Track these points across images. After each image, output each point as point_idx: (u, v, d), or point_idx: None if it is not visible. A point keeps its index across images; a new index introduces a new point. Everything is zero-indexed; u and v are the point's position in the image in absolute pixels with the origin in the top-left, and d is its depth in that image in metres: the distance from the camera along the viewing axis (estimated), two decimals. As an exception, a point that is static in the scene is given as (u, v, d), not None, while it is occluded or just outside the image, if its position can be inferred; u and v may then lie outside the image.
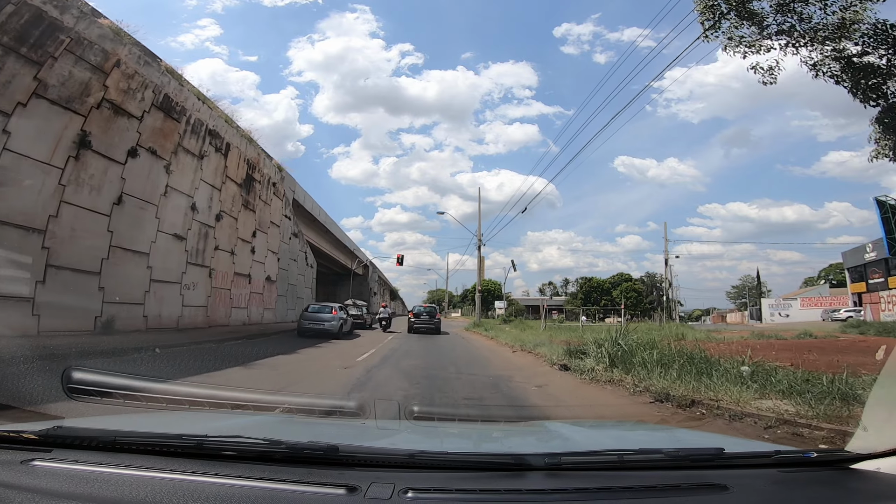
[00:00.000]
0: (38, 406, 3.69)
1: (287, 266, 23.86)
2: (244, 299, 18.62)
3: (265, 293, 20.81)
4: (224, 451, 1.30)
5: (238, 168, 18.47)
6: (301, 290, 26.11)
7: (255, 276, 19.67)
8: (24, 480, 1.16)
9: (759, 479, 1.28)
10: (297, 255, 25.83)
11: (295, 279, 25.24)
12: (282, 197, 23.47)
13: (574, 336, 17.82)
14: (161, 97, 13.15)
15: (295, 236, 25.30)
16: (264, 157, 21.40)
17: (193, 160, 15.18)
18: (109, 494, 1.10)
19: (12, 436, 1.39)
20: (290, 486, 1.15)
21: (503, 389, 7.03)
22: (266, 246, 21.12)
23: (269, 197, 21.78)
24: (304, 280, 27.09)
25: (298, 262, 25.92)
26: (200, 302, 15.46)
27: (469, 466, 1.31)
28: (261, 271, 20.42)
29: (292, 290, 24.47)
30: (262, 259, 20.66)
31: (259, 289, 20.16)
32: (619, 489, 1.22)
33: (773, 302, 54.43)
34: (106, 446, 1.33)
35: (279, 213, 23.01)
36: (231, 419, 2.13)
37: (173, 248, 14.10)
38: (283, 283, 23.12)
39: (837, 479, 1.29)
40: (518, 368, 9.93)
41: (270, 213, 21.77)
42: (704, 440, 2.20)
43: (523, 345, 13.89)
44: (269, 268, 21.45)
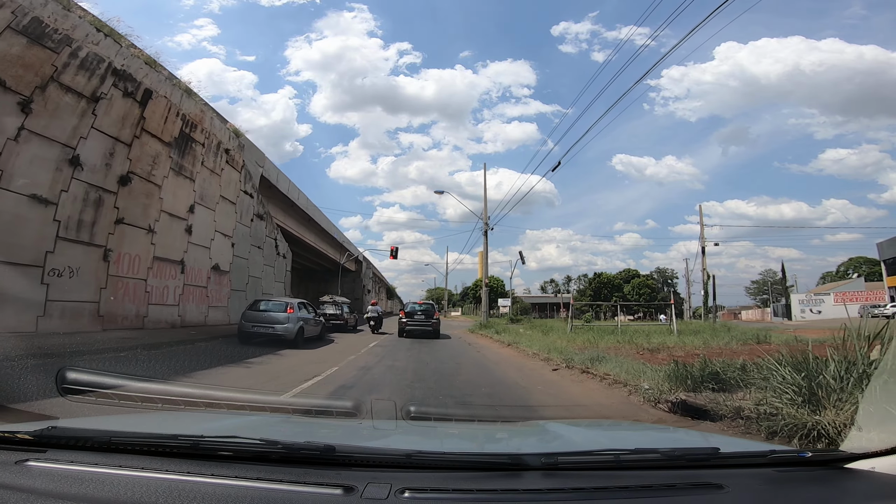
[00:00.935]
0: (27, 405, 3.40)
1: (247, 254, 18.89)
2: (173, 293, 13.65)
3: (211, 287, 15.86)
4: (220, 451, 1.29)
5: (166, 122, 13.54)
6: (269, 284, 21.13)
7: (192, 264, 14.70)
8: (19, 481, 1.15)
9: (755, 479, 1.27)
10: (264, 241, 20.84)
11: (260, 271, 20.26)
12: (240, 168, 18.53)
13: (621, 341, 12.93)
14: (27, 20, 9.16)
15: (259, 218, 20.32)
16: (213, 117, 16.51)
17: (78, 101, 10.36)
18: (104, 495, 1.09)
19: (7, 436, 1.37)
20: (286, 487, 1.13)
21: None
22: (212, 226, 16.16)
23: (220, 166, 16.85)
24: (275, 273, 22.11)
25: (265, 251, 20.93)
26: (86, 296, 10.50)
27: (466, 466, 1.30)
28: (202, 258, 15.45)
29: (255, 284, 19.50)
30: (206, 242, 15.69)
31: (199, 280, 15.19)
32: (615, 489, 1.21)
33: (804, 297, 49.76)
34: (101, 446, 1.31)
35: (235, 188, 18.06)
36: (227, 419, 2.10)
37: (30, 216, 9.16)
38: (240, 275, 18.14)
39: (832, 478, 1.28)
40: (596, 415, 4.99)
41: (221, 185, 16.82)
42: (700, 440, 2.18)
43: (565, 358, 8.97)
44: (218, 254, 16.47)
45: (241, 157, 18.85)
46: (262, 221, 20.60)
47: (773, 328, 26.15)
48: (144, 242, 12.55)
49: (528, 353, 11.38)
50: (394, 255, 37.24)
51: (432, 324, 16.93)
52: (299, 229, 32.37)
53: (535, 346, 11.58)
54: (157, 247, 13.02)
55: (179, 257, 14.08)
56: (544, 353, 10.40)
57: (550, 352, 10.22)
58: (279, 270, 22.66)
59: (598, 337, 14.06)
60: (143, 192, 12.58)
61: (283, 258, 23.24)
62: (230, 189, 17.64)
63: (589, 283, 66.87)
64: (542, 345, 11.81)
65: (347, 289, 53.31)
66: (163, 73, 13.58)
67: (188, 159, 14.78)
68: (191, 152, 14.95)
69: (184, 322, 14.02)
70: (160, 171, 13.30)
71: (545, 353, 10.25)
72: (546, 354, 10.11)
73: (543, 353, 10.34)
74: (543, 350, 10.78)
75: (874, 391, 1.65)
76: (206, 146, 15.88)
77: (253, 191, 19.81)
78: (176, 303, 13.79)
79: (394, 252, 37.17)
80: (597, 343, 12.55)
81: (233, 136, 18.28)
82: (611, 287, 63.12)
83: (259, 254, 20.19)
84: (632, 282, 65.57)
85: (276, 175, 24.70)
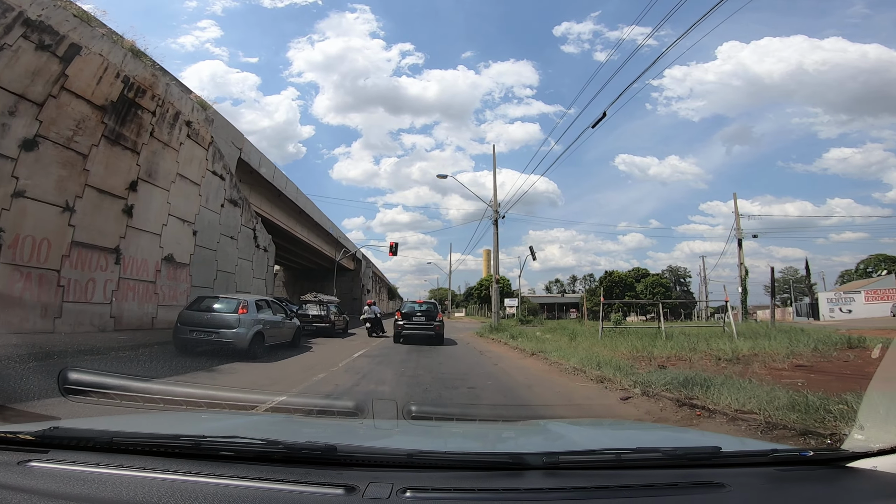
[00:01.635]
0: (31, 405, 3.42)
1: (215, 245, 15.92)
2: (102, 289, 10.67)
3: (162, 282, 12.87)
4: (222, 451, 1.28)
5: (99, 83, 10.66)
6: (246, 281, 18.16)
7: (132, 254, 11.74)
8: (21, 481, 1.14)
9: (757, 478, 1.25)
10: (239, 231, 17.87)
11: (233, 265, 17.29)
12: (206, 145, 15.60)
13: (678, 348, 9.88)
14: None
15: (233, 204, 17.36)
16: (170, 83, 13.64)
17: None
18: (106, 495, 1.09)
19: (9, 437, 1.36)
20: (288, 487, 1.13)
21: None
22: (165, 209, 13.20)
23: (177, 140, 13.92)
24: (254, 268, 19.12)
25: (241, 243, 17.96)
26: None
27: (467, 466, 1.29)
28: (150, 247, 12.48)
29: (226, 280, 16.52)
30: (155, 228, 12.73)
31: (144, 274, 12.21)
32: (616, 488, 1.20)
33: (832, 296, 46.36)
34: (103, 447, 1.30)
35: (199, 167, 15.11)
36: (228, 419, 2.10)
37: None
38: (204, 269, 15.17)
39: (834, 477, 1.27)
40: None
41: (178, 162, 13.88)
42: (702, 439, 2.17)
43: (637, 380, 5.91)
44: (173, 243, 13.51)
45: (209, 132, 15.91)
46: (236, 208, 17.61)
47: (821, 328, 22.96)
48: (58, 223, 9.57)
49: (564, 367, 8.33)
50: (393, 252, 34.28)
51: (434, 327, 13.91)
52: (289, 222, 29.42)
53: (572, 358, 8.54)
54: (79, 229, 10.03)
55: (113, 244, 11.09)
56: (591, 367, 7.35)
57: (601, 367, 7.17)
58: (259, 265, 19.65)
59: (644, 343, 10.99)
60: (59, 160, 9.62)
61: (265, 252, 20.23)
62: (192, 168, 14.68)
63: (600, 282, 63.48)
64: (579, 355, 8.77)
65: (345, 288, 50.29)
66: (100, 29, 10.85)
67: (130, 128, 11.84)
68: (135, 120, 12.01)
69: (119, 324, 11.02)
70: (87, 139, 10.35)
71: (593, 369, 7.20)
72: (596, 371, 7.06)
73: (590, 369, 7.29)
74: (587, 363, 7.74)
75: (875, 390, 1.58)
76: (158, 115, 12.93)
77: (225, 172, 16.84)
78: (107, 300, 10.79)
79: (393, 248, 34.20)
80: (649, 351, 9.49)
81: (197, 108, 15.34)
82: (623, 286, 59.78)
83: (232, 245, 17.20)
84: (643, 280, 62.28)
85: (257, 159, 21.77)
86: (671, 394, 4.89)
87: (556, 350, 10.29)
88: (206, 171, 15.63)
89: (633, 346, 10.56)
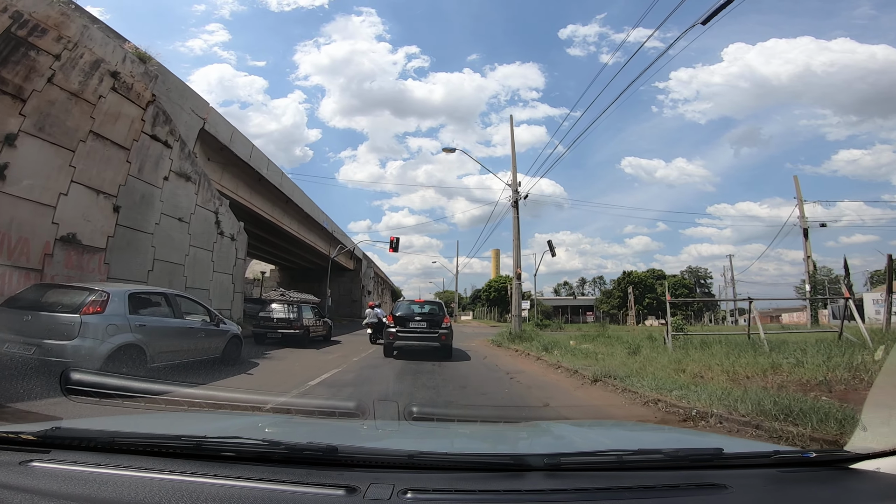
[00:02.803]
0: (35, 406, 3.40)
1: (151, 226, 12.26)
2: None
3: (55, 270, 9.22)
4: (223, 452, 1.27)
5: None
6: (201, 274, 14.49)
7: (2, 228, 8.09)
8: (23, 481, 1.14)
9: (759, 479, 1.24)
10: (192, 213, 14.21)
11: (181, 255, 13.61)
12: (144, 104, 12.07)
13: (793, 364, 5.99)
14: None
15: (184, 179, 13.73)
16: (87, 26, 10.37)
17: None
18: (108, 495, 1.08)
19: (10, 437, 1.36)
20: (288, 487, 1.12)
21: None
22: (66, 174, 9.61)
23: (96, 93, 10.49)
24: (215, 259, 15.43)
25: (195, 227, 14.29)
26: None
27: (468, 467, 1.27)
28: (36, 222, 8.86)
29: (170, 273, 12.85)
30: (46, 198, 9.13)
31: (24, 258, 8.58)
32: (618, 489, 1.18)
33: (879, 296, 42.06)
34: (104, 447, 1.30)
35: (129, 128, 11.55)
36: (229, 420, 2.06)
37: None
38: (131, 258, 11.48)
39: (837, 478, 1.25)
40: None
41: (95, 119, 10.38)
42: (704, 440, 2.15)
43: None
44: (79, 220, 9.87)
45: (150, 90, 12.36)
46: (188, 184, 13.94)
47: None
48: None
49: (679, 410, 4.42)
50: (394, 248, 30.59)
51: (440, 335, 10.02)
52: (273, 213, 25.75)
53: (692, 395, 4.64)
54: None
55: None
56: (740, 408, 3.50)
57: (766, 412, 3.31)
58: (223, 257, 15.94)
59: (746, 359, 7.13)
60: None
61: (231, 241, 16.52)
62: (117, 128, 11.09)
63: (618, 283, 59.10)
64: (682, 385, 4.92)
65: (344, 289, 46.59)
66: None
67: (15, 70, 8.51)
68: (24, 62, 8.65)
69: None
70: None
71: (753, 413, 3.35)
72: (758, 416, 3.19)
73: (737, 411, 3.44)
74: (718, 401, 3.89)
75: (878, 391, 1.57)
76: (64, 60, 9.48)
77: (173, 140, 13.22)
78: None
79: (394, 243, 30.52)
80: (795, 374, 5.62)
81: (133, 60, 11.88)
82: (642, 287, 55.41)
83: (180, 229, 13.51)
84: (663, 282, 57.93)
85: (228, 133, 18.15)
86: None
87: (630, 373, 6.44)
88: (142, 133, 12.01)
89: (743, 364, 6.70)
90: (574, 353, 9.64)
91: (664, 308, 48.85)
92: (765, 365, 6.60)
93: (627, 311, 56.02)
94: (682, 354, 8.47)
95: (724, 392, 4.61)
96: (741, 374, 6.15)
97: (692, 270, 68.32)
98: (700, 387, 5.07)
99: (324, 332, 13.99)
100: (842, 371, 5.78)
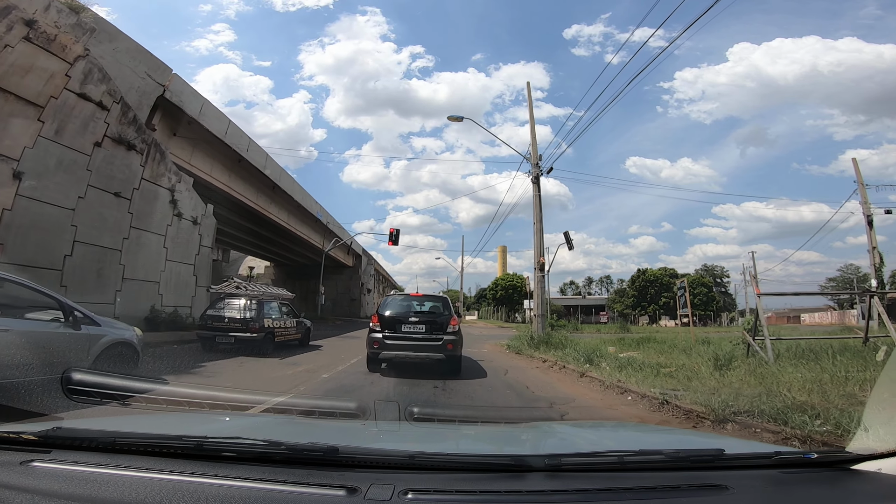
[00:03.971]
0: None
1: (71, 200, 9.60)
2: None
3: None
4: (224, 452, 1.26)
5: None
6: (150, 264, 11.80)
7: None
8: (24, 481, 1.13)
9: (760, 480, 1.23)
10: (135, 188, 11.52)
11: (119, 237, 10.94)
12: (71, 59, 9.70)
13: None
14: None
15: (124, 147, 11.09)
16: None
17: None
18: (109, 495, 1.07)
19: (12, 437, 1.33)
20: (289, 488, 1.11)
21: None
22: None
23: (4, 41, 8.07)
24: (169, 246, 12.71)
25: (138, 205, 11.58)
26: None
27: (469, 468, 1.25)
28: None
29: (100, 259, 10.19)
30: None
31: None
32: (619, 490, 1.17)
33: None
34: (105, 447, 1.28)
35: (45, 83, 9.24)
36: (230, 420, 2.04)
37: None
38: (39, 238, 8.82)
39: (838, 479, 1.23)
40: None
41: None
42: (705, 441, 2.14)
43: None
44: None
45: (83, 44, 9.86)
46: (130, 153, 11.27)
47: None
48: None
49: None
50: (393, 241, 27.75)
51: (445, 342, 7.14)
52: (259, 200, 22.98)
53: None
54: None
55: None
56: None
57: None
58: (182, 244, 13.22)
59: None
60: None
61: (194, 224, 13.78)
62: (28, 81, 8.82)
63: (631, 282, 55.92)
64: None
65: (342, 287, 43.76)
66: None
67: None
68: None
69: None
70: None
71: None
72: None
73: None
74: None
75: (880, 392, 1.53)
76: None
77: (112, 101, 10.67)
78: None
79: (393, 236, 27.69)
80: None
81: (62, 10, 9.81)
82: (658, 286, 52.24)
83: (118, 207, 10.85)
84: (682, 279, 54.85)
85: (198, 106, 15.54)
86: None
87: (776, 407, 3.59)
88: (65, 90, 9.42)
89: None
90: (633, 368, 6.78)
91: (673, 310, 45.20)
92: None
93: (643, 310, 52.98)
94: (792, 370, 5.68)
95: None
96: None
97: (708, 269, 65.06)
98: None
99: (297, 335, 11.20)
100: None
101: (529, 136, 14.42)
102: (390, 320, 7.44)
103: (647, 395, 5.16)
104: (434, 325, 7.37)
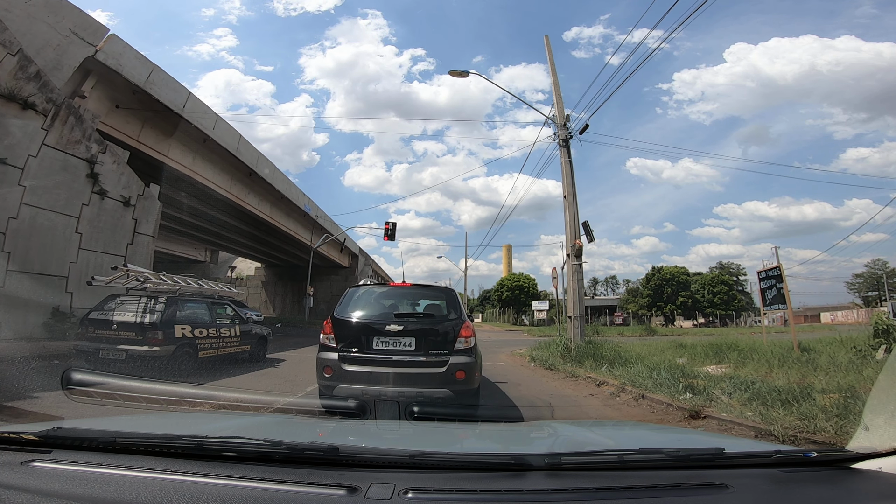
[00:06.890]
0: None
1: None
2: None
3: None
4: (224, 451, 1.26)
5: None
6: (55, 251, 8.93)
7: None
8: (24, 481, 1.12)
9: (760, 479, 1.22)
10: (33, 156, 8.51)
11: (8, 218, 7.83)
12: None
13: None
14: None
15: (20, 106, 8.10)
16: None
17: None
18: (109, 495, 1.06)
19: (12, 437, 1.34)
20: (290, 487, 1.11)
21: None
22: None
23: None
24: (84, 229, 9.81)
25: (38, 177, 8.64)
26: None
27: (469, 467, 1.25)
28: None
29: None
30: None
31: None
32: (619, 489, 1.17)
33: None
34: (106, 447, 1.28)
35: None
36: (231, 420, 2.07)
37: None
38: None
39: (838, 478, 1.22)
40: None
41: None
42: (705, 440, 2.10)
43: None
44: None
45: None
46: (27, 111, 8.63)
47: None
48: None
49: None
50: (389, 236, 24.93)
51: (449, 369, 4.10)
52: (232, 188, 20.01)
53: None
54: None
55: None
56: None
57: None
58: (105, 228, 10.31)
59: None
60: None
61: (125, 206, 10.85)
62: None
63: (646, 281, 52.63)
64: None
65: (337, 289, 40.55)
66: None
67: None
68: None
69: None
70: None
71: None
72: None
73: None
74: None
75: (881, 390, 1.48)
76: None
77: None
78: None
79: (389, 230, 24.80)
80: None
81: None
82: (675, 284, 48.98)
83: (2, 176, 7.79)
84: (697, 279, 51.44)
85: (145, 73, 12.83)
86: None
87: None
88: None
89: None
90: (773, 397, 3.74)
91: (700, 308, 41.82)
92: None
93: (658, 310, 49.71)
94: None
95: None
96: None
97: (724, 267, 61.67)
98: None
99: (243, 346, 8.14)
100: None
101: (553, 99, 11.42)
102: (355, 330, 4.37)
103: None
104: (432, 338, 4.34)
